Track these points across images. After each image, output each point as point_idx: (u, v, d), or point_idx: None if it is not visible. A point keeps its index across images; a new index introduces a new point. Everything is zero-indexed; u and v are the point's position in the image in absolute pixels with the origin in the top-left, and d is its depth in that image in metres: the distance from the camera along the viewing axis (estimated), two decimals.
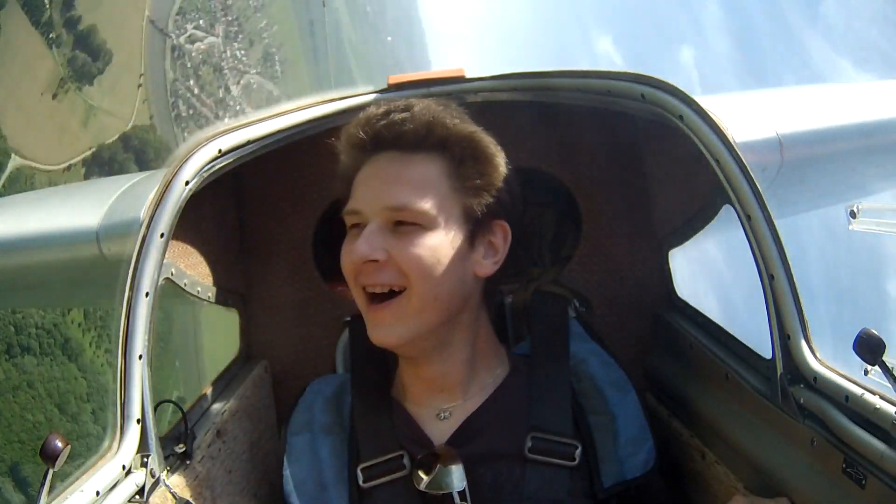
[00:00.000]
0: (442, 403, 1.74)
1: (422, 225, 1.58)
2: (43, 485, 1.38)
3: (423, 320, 1.60)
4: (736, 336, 1.95)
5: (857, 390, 1.39)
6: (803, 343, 1.58)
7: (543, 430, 1.68)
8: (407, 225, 1.58)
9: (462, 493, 1.56)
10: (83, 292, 2.41)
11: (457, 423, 1.70)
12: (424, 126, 1.61)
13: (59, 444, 1.41)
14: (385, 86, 2.06)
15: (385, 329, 1.61)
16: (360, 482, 1.66)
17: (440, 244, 1.58)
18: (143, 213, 1.74)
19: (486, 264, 1.70)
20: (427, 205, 1.58)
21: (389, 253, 1.57)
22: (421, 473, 1.58)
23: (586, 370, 1.81)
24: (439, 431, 1.70)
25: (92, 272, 2.03)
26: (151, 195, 1.76)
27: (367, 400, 1.80)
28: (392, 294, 1.60)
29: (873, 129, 2.08)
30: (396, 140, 1.62)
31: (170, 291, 1.99)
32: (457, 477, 1.57)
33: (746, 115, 1.95)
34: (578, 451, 1.65)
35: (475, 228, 1.65)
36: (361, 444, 1.72)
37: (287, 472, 1.73)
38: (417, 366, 1.73)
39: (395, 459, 1.66)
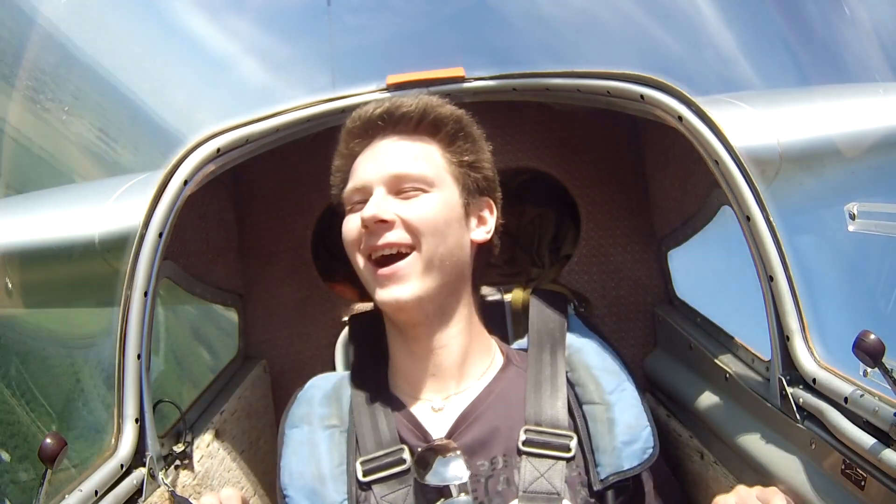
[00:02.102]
0: (437, 394, 1.74)
1: (424, 189, 1.70)
2: (42, 485, 1.38)
3: (430, 278, 1.68)
4: (735, 337, 1.95)
5: (857, 392, 1.39)
6: (803, 344, 1.58)
7: (538, 423, 1.68)
8: (411, 190, 1.70)
9: (463, 486, 1.57)
10: (82, 293, 2.40)
11: (453, 415, 1.71)
12: (419, 111, 1.75)
13: (58, 445, 1.41)
14: (384, 85, 2.06)
15: (395, 287, 1.67)
16: (360, 476, 1.66)
17: (443, 205, 1.71)
18: (142, 212, 1.74)
19: (480, 232, 1.81)
20: (428, 171, 1.72)
21: (397, 214, 1.67)
22: (421, 467, 1.59)
23: (582, 359, 1.81)
24: (436, 424, 1.71)
25: (90, 272, 2.03)
26: (149, 194, 1.76)
27: (365, 394, 1.80)
28: (399, 256, 1.67)
29: (873, 130, 2.08)
30: (394, 125, 1.76)
31: (168, 291, 1.99)
32: (456, 469, 1.58)
33: (746, 116, 1.95)
34: (574, 443, 1.65)
35: (468, 201, 1.77)
36: (360, 438, 1.72)
37: (283, 464, 1.73)
38: (416, 339, 1.74)
39: (395, 453, 1.67)
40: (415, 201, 1.69)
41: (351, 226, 1.74)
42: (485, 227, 1.81)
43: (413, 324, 1.72)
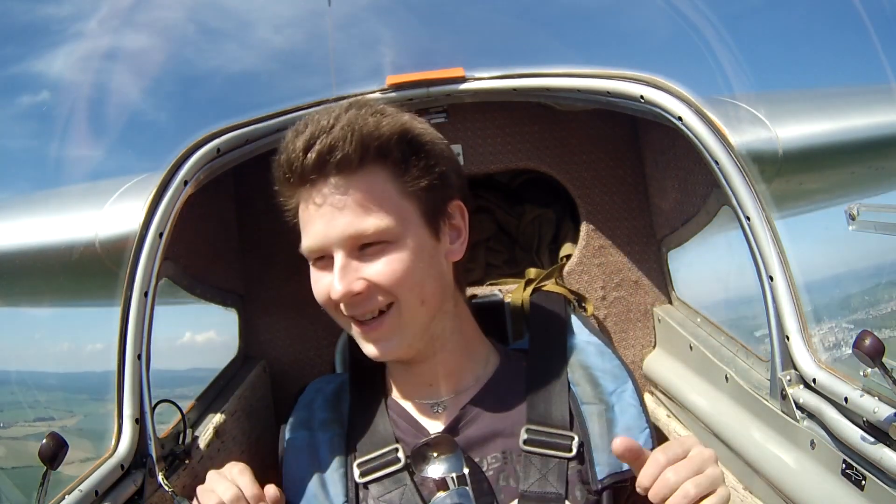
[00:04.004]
0: (434, 396, 1.75)
1: (387, 241, 1.55)
2: (42, 485, 1.38)
3: (416, 325, 1.62)
4: (735, 337, 1.95)
5: (857, 392, 1.39)
6: (802, 344, 1.58)
7: (539, 423, 1.68)
8: (373, 245, 1.55)
9: (462, 478, 1.57)
10: (82, 293, 2.40)
11: (451, 414, 1.72)
12: (357, 148, 1.51)
13: (58, 445, 1.41)
14: (384, 86, 2.06)
15: (383, 344, 1.63)
16: (357, 477, 1.67)
17: (412, 252, 1.56)
18: (142, 212, 1.74)
19: (455, 248, 1.69)
20: (385, 221, 1.53)
21: (367, 279, 1.55)
22: (418, 461, 1.61)
23: (582, 360, 1.82)
24: (435, 423, 1.72)
25: (91, 273, 2.03)
26: (150, 194, 1.76)
27: (364, 397, 1.82)
28: (380, 313, 1.60)
29: (873, 131, 2.08)
30: (333, 168, 1.52)
31: (169, 291, 1.99)
32: (454, 462, 1.58)
33: (745, 117, 1.95)
34: (575, 443, 1.65)
35: (436, 220, 1.63)
36: (357, 439, 1.73)
37: (286, 471, 1.74)
38: (410, 364, 1.74)
39: (390, 453, 1.68)
40: (382, 260, 1.54)
41: (321, 288, 1.62)
42: (459, 239, 1.69)
43: (407, 359, 1.73)
